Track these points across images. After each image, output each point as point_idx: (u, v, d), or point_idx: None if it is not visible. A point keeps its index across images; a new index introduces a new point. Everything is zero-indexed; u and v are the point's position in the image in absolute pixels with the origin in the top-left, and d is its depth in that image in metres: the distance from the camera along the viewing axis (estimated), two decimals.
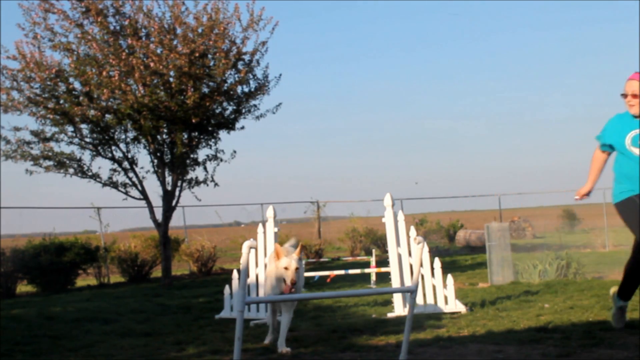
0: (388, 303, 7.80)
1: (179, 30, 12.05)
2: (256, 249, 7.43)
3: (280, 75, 13.27)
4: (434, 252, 11.80)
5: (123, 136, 12.92)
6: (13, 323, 7.47)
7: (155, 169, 13.02)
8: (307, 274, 10.38)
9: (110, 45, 11.70)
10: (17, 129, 12.14)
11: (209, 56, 12.15)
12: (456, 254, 19.60)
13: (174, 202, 13.11)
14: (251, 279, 7.55)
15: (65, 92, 12.00)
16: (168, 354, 5.33)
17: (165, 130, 12.66)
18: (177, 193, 13.11)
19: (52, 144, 12.33)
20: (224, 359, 5.03)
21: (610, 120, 5.04)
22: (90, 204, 15.28)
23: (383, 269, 7.83)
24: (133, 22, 11.99)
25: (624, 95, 4.87)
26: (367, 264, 12.38)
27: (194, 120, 12.13)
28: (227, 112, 13.05)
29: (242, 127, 13.35)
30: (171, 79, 11.85)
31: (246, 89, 12.92)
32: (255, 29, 12.47)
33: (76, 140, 12.54)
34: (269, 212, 7.75)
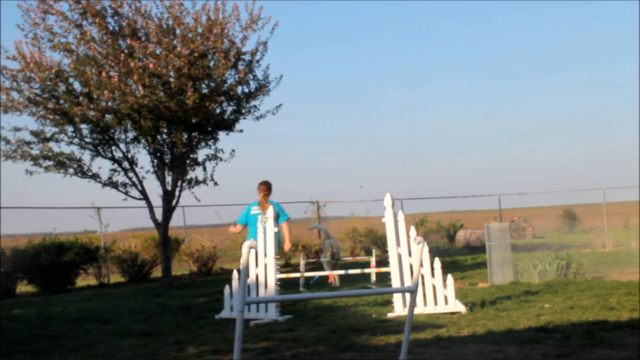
0: (388, 303, 7.80)
1: (177, 31, 12.05)
2: (256, 249, 7.44)
3: (282, 76, 13.24)
4: (434, 252, 11.80)
5: (123, 136, 12.91)
6: (13, 323, 7.47)
7: (155, 169, 13.00)
8: (307, 274, 10.39)
9: (109, 46, 11.70)
10: (17, 129, 12.12)
11: (209, 56, 12.14)
12: (456, 254, 19.59)
13: (174, 202, 13.10)
14: (251, 279, 7.55)
15: (65, 92, 11.99)
16: (168, 354, 5.33)
17: (165, 131, 12.65)
18: (177, 193, 13.10)
19: (52, 144, 12.31)
20: (224, 359, 5.04)
21: None
22: (90, 204, 15.27)
23: (383, 269, 7.83)
24: (132, 22, 11.99)
25: None
26: (367, 264, 12.37)
27: (193, 121, 12.12)
28: (227, 112, 13.04)
29: (241, 130, 13.32)
30: (171, 80, 11.84)
31: (246, 90, 12.91)
32: (255, 29, 12.46)
33: (76, 140, 12.53)
34: (269, 212, 7.75)
